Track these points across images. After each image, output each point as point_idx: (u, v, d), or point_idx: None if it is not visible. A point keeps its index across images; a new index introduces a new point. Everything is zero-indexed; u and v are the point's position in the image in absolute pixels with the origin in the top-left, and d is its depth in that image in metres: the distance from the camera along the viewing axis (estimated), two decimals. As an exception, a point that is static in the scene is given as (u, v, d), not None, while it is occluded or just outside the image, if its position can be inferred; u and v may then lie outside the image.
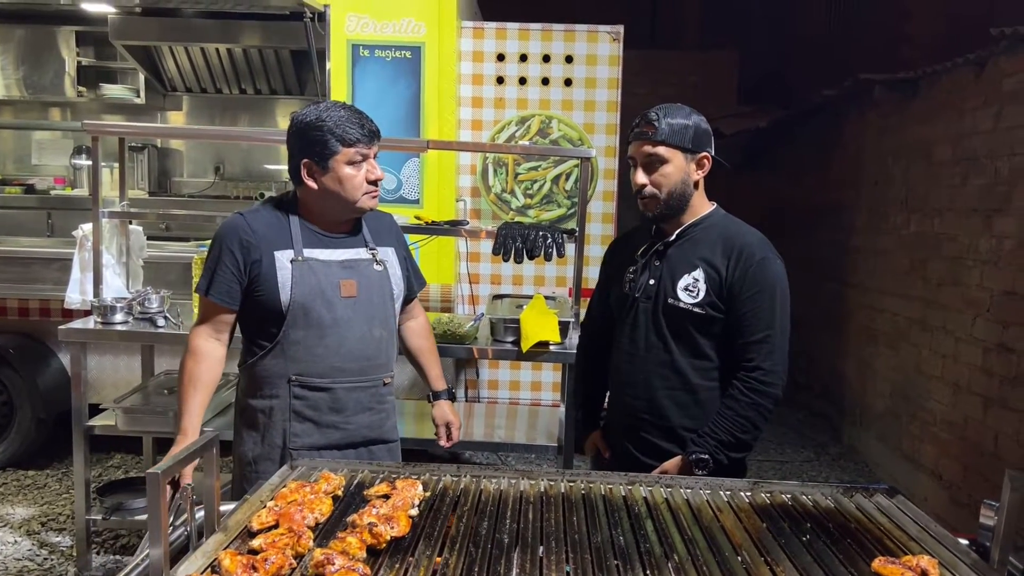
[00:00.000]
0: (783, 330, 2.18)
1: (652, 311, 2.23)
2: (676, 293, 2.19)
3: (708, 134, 2.21)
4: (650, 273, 2.25)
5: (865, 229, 6.03)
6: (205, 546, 1.50)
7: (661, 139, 2.14)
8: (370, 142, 2.10)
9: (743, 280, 2.14)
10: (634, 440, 2.29)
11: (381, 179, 2.15)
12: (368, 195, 2.14)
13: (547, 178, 5.02)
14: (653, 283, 2.23)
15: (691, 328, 2.19)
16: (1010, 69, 4.09)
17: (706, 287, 2.16)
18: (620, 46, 4.97)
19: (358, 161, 2.09)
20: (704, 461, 2.12)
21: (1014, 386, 3.88)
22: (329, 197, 2.12)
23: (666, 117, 2.15)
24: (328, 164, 2.08)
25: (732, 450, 2.14)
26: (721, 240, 2.20)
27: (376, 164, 2.15)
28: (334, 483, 1.78)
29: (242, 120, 6.34)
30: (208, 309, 2.15)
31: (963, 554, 1.61)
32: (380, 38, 4.53)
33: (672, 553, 1.57)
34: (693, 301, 2.17)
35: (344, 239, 2.21)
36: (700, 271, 2.17)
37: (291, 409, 2.14)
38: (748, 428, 2.13)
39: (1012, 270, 3.96)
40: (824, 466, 5.71)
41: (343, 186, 2.10)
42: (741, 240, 2.19)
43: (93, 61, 6.12)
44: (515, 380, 5.23)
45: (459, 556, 1.52)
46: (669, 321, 2.20)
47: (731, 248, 2.17)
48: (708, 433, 2.14)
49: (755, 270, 2.15)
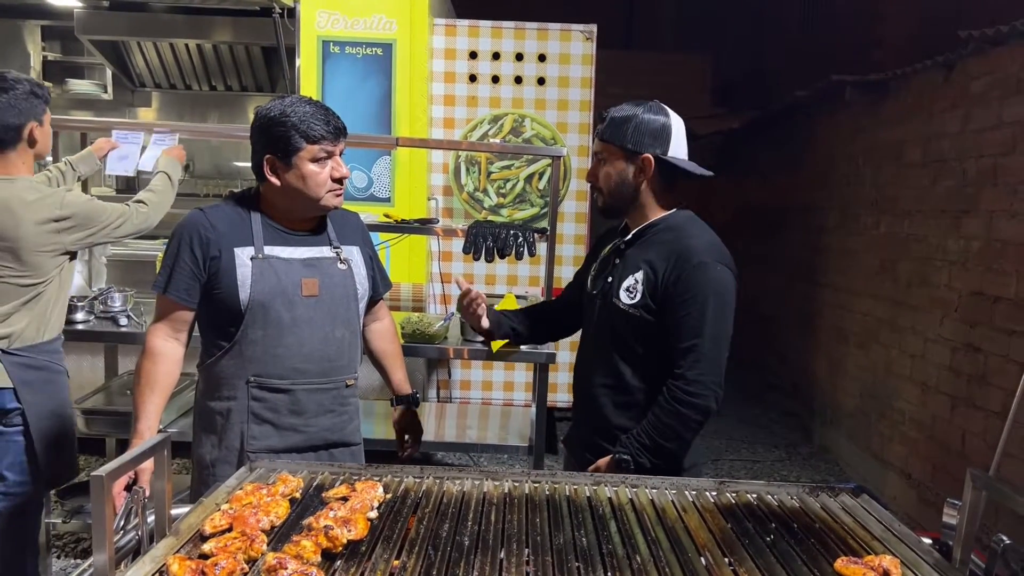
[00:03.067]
0: (714, 339, 2.03)
1: (602, 311, 2.21)
2: (619, 294, 2.14)
3: (658, 133, 2.08)
4: (608, 272, 2.23)
5: (836, 230, 6.07)
6: (154, 551, 1.45)
7: (603, 136, 2.12)
8: (335, 139, 2.05)
9: (676, 284, 2.04)
10: (583, 439, 2.29)
11: (346, 177, 2.10)
12: (332, 193, 2.09)
13: (520, 177, 5.00)
14: (610, 282, 2.21)
15: (627, 329, 2.14)
16: (977, 71, 4.13)
17: (643, 289, 2.09)
18: (593, 45, 4.97)
19: (322, 158, 2.04)
20: (625, 462, 2.04)
21: (981, 385, 3.92)
22: (292, 194, 2.07)
23: (614, 112, 2.10)
24: (291, 160, 2.03)
25: (653, 455, 2.04)
26: (668, 244, 2.11)
27: (342, 162, 2.10)
28: (292, 485, 1.74)
29: (212, 117, 6.25)
30: (165, 307, 2.09)
31: (926, 553, 1.60)
32: (351, 35, 4.49)
33: (635, 554, 1.55)
34: (631, 302, 2.11)
35: (307, 237, 2.16)
36: (641, 273, 2.10)
37: (249, 411, 2.08)
38: (670, 436, 2.04)
39: (979, 271, 4.00)
40: (795, 465, 5.74)
41: (306, 183, 2.05)
42: (685, 243, 2.08)
43: (59, 56, 6.01)
44: (487, 380, 5.20)
45: (417, 559, 1.49)
46: (612, 321, 2.17)
47: (672, 251, 2.07)
48: (634, 435, 2.07)
49: (690, 274, 2.03)
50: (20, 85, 2.63)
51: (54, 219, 2.60)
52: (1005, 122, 3.86)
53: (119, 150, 3.31)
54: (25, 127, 2.63)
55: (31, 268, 2.62)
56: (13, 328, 2.63)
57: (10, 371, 2.62)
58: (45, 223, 2.59)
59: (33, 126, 2.65)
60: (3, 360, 2.62)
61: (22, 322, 2.64)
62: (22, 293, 2.63)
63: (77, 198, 2.69)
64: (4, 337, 2.62)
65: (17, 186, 2.60)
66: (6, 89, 2.60)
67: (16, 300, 2.62)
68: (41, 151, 2.73)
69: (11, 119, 2.60)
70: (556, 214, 3.50)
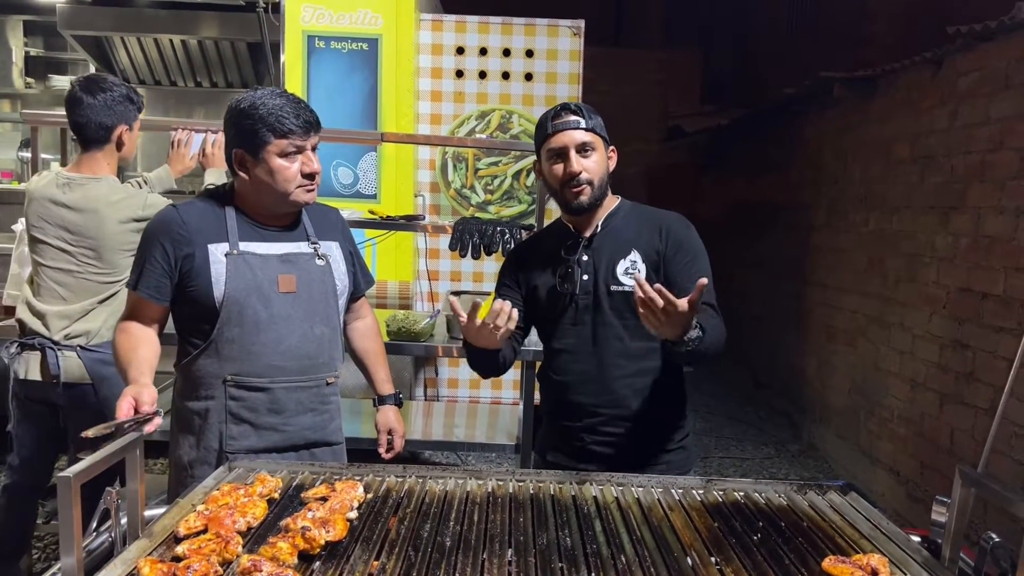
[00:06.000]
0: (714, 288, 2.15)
1: (594, 304, 2.18)
2: (618, 279, 2.15)
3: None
4: (582, 269, 2.20)
5: (825, 227, 6.06)
6: (126, 553, 1.42)
7: (590, 127, 2.13)
8: (305, 133, 1.99)
9: (678, 250, 2.16)
10: (594, 436, 2.23)
11: (317, 172, 2.04)
12: (303, 188, 2.03)
13: (508, 174, 4.97)
14: (588, 278, 2.18)
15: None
16: (965, 68, 4.12)
17: (645, 267, 2.15)
18: (581, 41, 4.94)
19: (291, 152, 1.99)
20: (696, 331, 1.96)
21: (969, 382, 3.91)
22: (262, 189, 2.03)
23: (584, 108, 2.17)
24: (260, 155, 1.98)
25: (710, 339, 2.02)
26: (644, 223, 2.22)
27: (313, 157, 2.04)
28: (270, 485, 1.70)
29: (197, 113, 6.18)
30: (135, 304, 2.05)
31: (914, 552, 1.58)
32: (336, 29, 4.44)
33: (620, 554, 1.52)
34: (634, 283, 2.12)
35: (283, 232, 2.11)
36: (635, 253, 2.17)
37: (227, 411, 2.04)
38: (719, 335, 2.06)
39: (967, 267, 3.99)
40: (784, 463, 5.74)
41: (274, 178, 2.00)
42: (659, 216, 2.23)
43: (42, 52, 5.96)
44: (475, 378, 5.16)
45: (397, 560, 1.45)
46: (616, 309, 2.16)
47: (655, 226, 2.20)
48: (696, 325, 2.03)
49: (684, 238, 2.18)
50: (116, 89, 2.75)
51: (136, 219, 2.69)
52: (993, 118, 3.85)
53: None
54: (116, 129, 2.75)
55: (110, 266, 2.74)
56: (91, 325, 2.73)
57: (89, 367, 2.72)
58: (127, 222, 2.70)
59: (123, 129, 2.77)
60: (83, 356, 2.72)
61: (100, 319, 2.74)
62: (101, 290, 2.75)
63: (159, 200, 2.76)
64: (83, 334, 2.73)
65: (103, 185, 2.72)
66: (104, 90, 2.71)
67: (95, 297, 2.74)
68: (126, 155, 2.87)
69: (104, 119, 2.71)
70: (543, 211, 3.47)
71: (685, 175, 10.00)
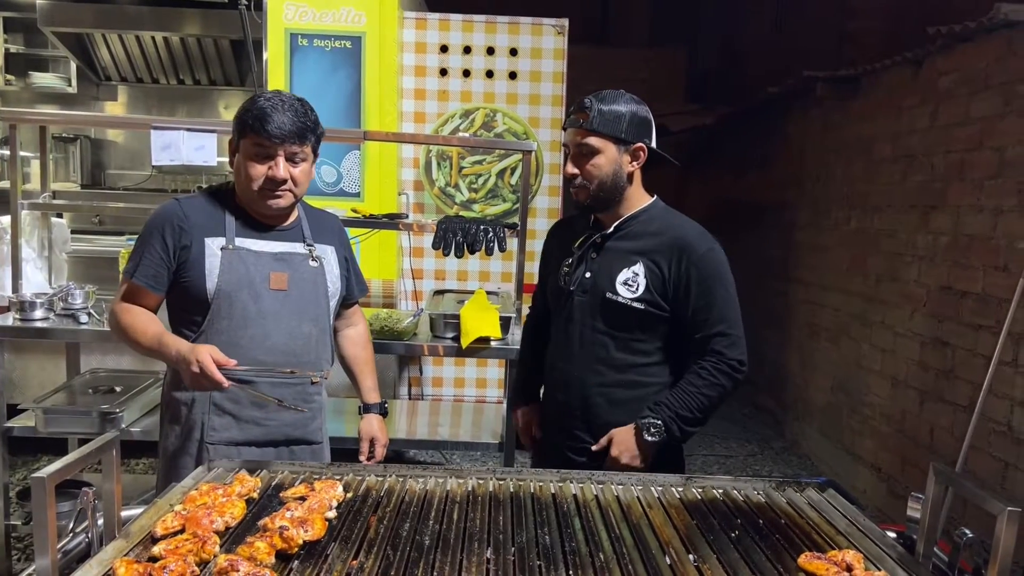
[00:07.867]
0: (738, 320, 2.14)
1: (589, 306, 2.17)
2: (615, 288, 2.13)
3: (646, 124, 2.13)
4: (586, 266, 2.19)
5: (808, 225, 6.10)
6: (102, 554, 1.41)
7: (593, 128, 2.08)
8: (272, 140, 1.98)
9: (689, 276, 2.09)
10: (566, 438, 2.24)
11: (283, 180, 2.02)
12: (267, 191, 2.04)
13: (492, 172, 4.97)
14: (589, 276, 2.17)
15: (631, 323, 2.14)
16: (945, 68, 4.15)
17: (646, 282, 2.10)
18: (565, 39, 4.95)
19: (259, 154, 2.00)
20: (656, 427, 2.05)
21: (949, 379, 3.95)
22: (239, 183, 2.09)
23: (600, 104, 2.09)
24: (239, 150, 2.06)
25: (687, 424, 2.08)
26: (661, 235, 2.14)
27: (283, 165, 2.01)
28: (248, 485, 1.70)
29: (180, 111, 6.14)
30: (131, 290, 2.07)
31: (889, 547, 1.60)
32: (319, 27, 4.42)
33: (598, 552, 1.53)
34: (632, 296, 2.11)
35: (280, 232, 2.15)
36: (640, 266, 2.12)
37: (211, 401, 2.07)
38: (706, 407, 2.08)
39: (947, 265, 4.02)
40: (768, 460, 5.77)
41: (240, 176, 2.06)
42: (680, 234, 2.14)
43: (22, 48, 5.87)
44: (460, 377, 5.17)
45: (376, 559, 1.45)
46: (607, 316, 2.14)
47: (672, 244, 2.12)
48: (666, 405, 2.08)
49: (702, 264, 2.10)
50: None
51: None
52: (972, 118, 3.88)
53: (162, 138, 3.27)
54: None
55: None
56: None
57: None
58: None
59: None
60: None
61: None
62: None
63: None
64: None
65: None
66: None
67: None
68: None
69: None
70: (527, 209, 3.47)
71: (670, 173, 10.00)
